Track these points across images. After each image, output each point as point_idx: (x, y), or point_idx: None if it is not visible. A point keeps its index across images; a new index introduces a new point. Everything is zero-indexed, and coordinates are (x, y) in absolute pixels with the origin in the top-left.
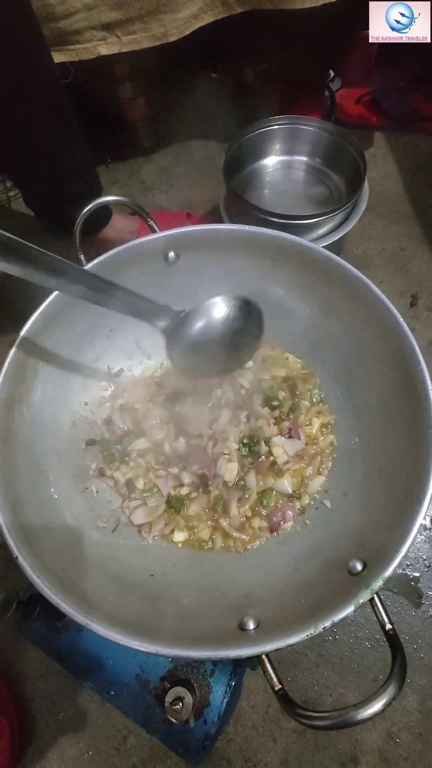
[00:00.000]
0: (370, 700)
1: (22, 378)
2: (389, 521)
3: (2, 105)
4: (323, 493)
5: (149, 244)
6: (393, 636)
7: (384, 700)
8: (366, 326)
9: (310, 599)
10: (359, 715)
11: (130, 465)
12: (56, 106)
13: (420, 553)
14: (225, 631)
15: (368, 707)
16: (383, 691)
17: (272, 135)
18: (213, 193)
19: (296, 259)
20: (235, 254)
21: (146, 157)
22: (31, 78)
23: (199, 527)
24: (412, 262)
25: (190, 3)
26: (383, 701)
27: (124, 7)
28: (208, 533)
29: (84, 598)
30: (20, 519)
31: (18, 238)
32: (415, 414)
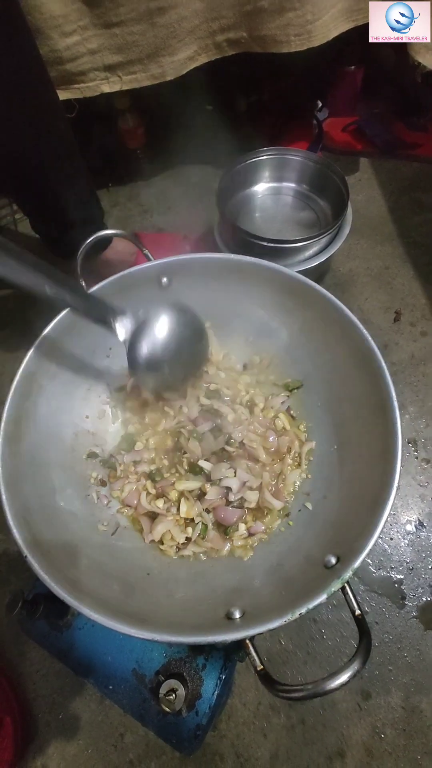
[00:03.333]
0: (337, 673)
1: (29, 394)
2: (361, 520)
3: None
4: (306, 496)
5: (144, 271)
6: (361, 620)
7: (349, 672)
8: (340, 345)
9: (290, 591)
10: (328, 686)
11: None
12: (61, 141)
13: (404, 556)
14: (214, 621)
15: (336, 678)
16: (349, 665)
17: (262, 164)
18: (208, 215)
19: (276, 284)
20: (222, 279)
21: (145, 181)
22: (37, 115)
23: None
24: (396, 279)
25: (185, 47)
26: (349, 674)
27: (125, 51)
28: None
29: (88, 594)
30: (28, 523)
31: None
32: (384, 426)
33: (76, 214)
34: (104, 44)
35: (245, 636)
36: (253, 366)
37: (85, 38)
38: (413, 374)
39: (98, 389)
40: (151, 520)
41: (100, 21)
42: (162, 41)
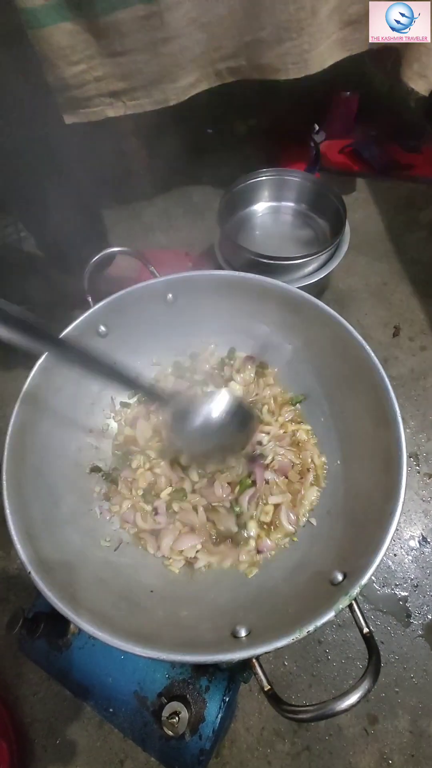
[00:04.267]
0: (347, 693)
1: (34, 408)
2: (367, 535)
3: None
4: (310, 511)
5: (151, 287)
6: (369, 638)
7: (359, 693)
8: (342, 359)
9: (297, 608)
10: (338, 707)
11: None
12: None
13: (408, 573)
14: (219, 639)
15: (346, 699)
16: (359, 685)
17: (261, 185)
18: (209, 233)
19: (279, 300)
20: (226, 296)
21: (148, 200)
22: (43, 140)
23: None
24: (394, 295)
25: (187, 74)
26: (359, 694)
27: (129, 79)
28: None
29: (90, 611)
30: (32, 538)
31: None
32: (388, 440)
33: (80, 232)
34: (109, 72)
35: (252, 655)
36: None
37: (91, 66)
38: (413, 388)
39: (102, 403)
40: (155, 536)
41: (106, 51)
42: (165, 69)
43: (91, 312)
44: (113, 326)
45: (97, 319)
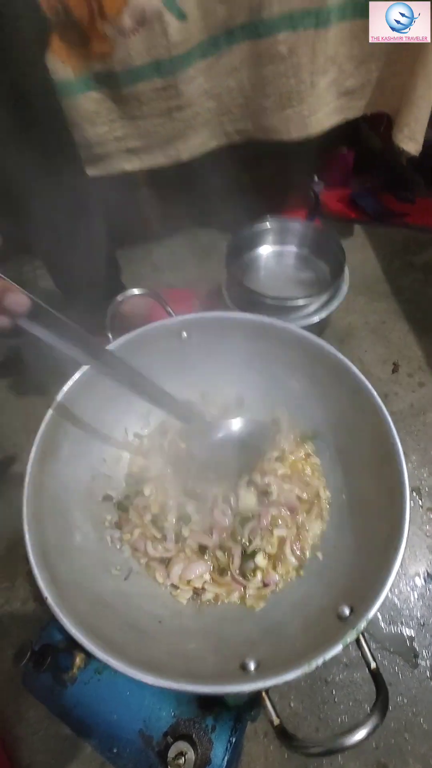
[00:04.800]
0: (356, 728)
1: (53, 437)
2: (373, 569)
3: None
4: (316, 545)
5: (167, 326)
6: (377, 674)
7: (367, 729)
8: (347, 397)
9: (305, 642)
10: (347, 742)
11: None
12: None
13: (414, 610)
14: (228, 672)
15: (355, 734)
16: (367, 720)
17: (266, 231)
18: (215, 273)
19: (284, 339)
20: (236, 335)
21: (157, 242)
22: (73, 189)
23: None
24: (392, 333)
25: (198, 134)
26: (367, 729)
27: (146, 138)
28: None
29: (102, 638)
30: (47, 564)
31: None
32: (391, 476)
33: (98, 273)
34: (128, 133)
35: (261, 687)
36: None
37: (113, 128)
38: (413, 424)
39: (116, 434)
40: (164, 564)
41: (126, 115)
42: (178, 131)
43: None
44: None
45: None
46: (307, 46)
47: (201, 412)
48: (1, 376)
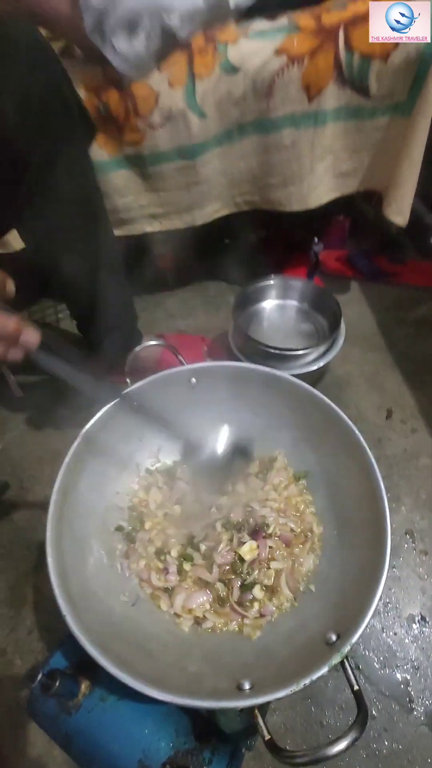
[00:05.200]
0: (337, 740)
1: (75, 469)
2: (358, 599)
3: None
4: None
5: (179, 372)
6: (359, 694)
7: (348, 740)
8: (338, 440)
9: (295, 666)
10: (330, 751)
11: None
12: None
13: (408, 653)
14: (225, 691)
15: (336, 745)
16: (348, 733)
17: (270, 287)
18: (223, 322)
19: (285, 389)
20: (241, 382)
21: (170, 291)
22: (102, 248)
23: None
24: (386, 382)
25: (211, 204)
26: (347, 741)
27: (166, 206)
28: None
29: (113, 655)
30: (66, 586)
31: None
32: (376, 513)
33: (117, 319)
34: (151, 202)
35: (255, 703)
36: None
37: (138, 198)
38: (406, 468)
39: (129, 469)
40: (168, 594)
41: (150, 188)
42: (194, 201)
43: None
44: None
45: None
46: (307, 139)
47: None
48: (19, 411)
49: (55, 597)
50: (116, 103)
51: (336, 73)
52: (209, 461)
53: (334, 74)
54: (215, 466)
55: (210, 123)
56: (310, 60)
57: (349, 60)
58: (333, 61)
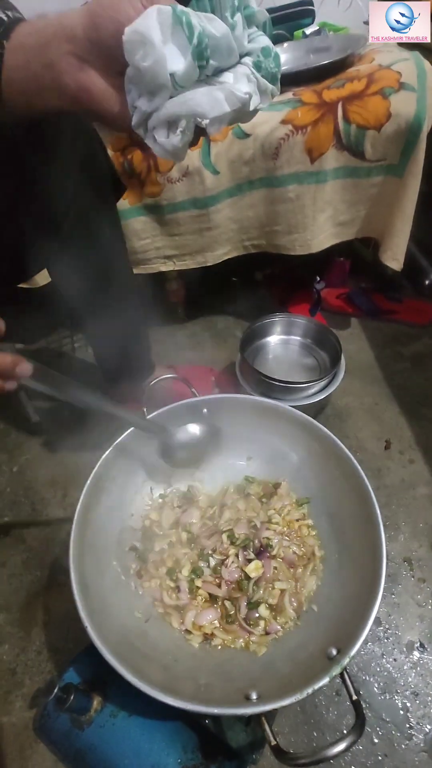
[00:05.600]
0: (336, 742)
1: (94, 492)
2: (357, 617)
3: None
4: (311, 598)
5: (193, 403)
6: (357, 704)
7: (347, 742)
8: (337, 469)
9: (299, 677)
10: (329, 753)
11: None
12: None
13: (408, 680)
14: (234, 700)
15: (336, 747)
16: (347, 737)
17: (275, 323)
18: (230, 354)
19: (288, 420)
20: (246, 412)
21: (181, 325)
22: (121, 286)
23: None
24: (385, 413)
25: (222, 247)
26: (346, 743)
27: (180, 248)
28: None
29: (130, 665)
30: (86, 599)
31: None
32: (373, 538)
33: (133, 349)
34: (166, 244)
35: (262, 710)
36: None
37: (154, 241)
38: (404, 497)
39: (143, 493)
40: (179, 611)
41: (166, 232)
42: (206, 244)
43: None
44: None
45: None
46: (309, 194)
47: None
48: (35, 435)
49: (77, 609)
50: (139, 161)
51: (335, 140)
52: (185, 442)
53: (334, 141)
54: (191, 444)
55: (222, 178)
56: (312, 129)
57: (347, 130)
58: (333, 130)
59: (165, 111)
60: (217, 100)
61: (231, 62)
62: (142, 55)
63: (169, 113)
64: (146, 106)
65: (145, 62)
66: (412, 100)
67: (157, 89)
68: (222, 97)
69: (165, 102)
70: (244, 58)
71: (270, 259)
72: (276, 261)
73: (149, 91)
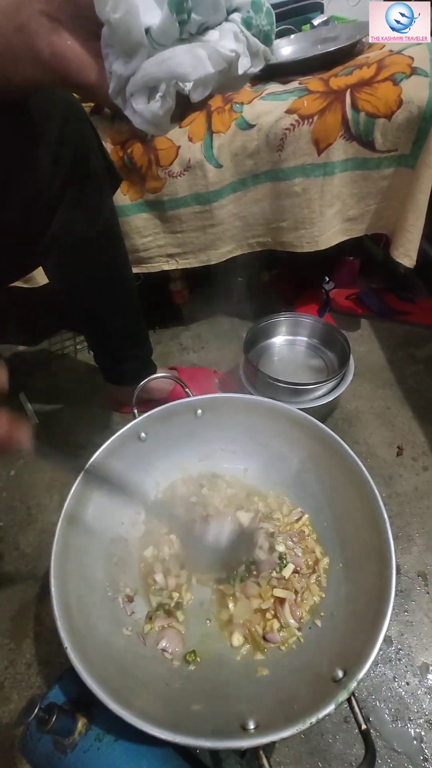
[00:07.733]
0: None
1: (80, 500)
2: (364, 635)
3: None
4: (314, 612)
5: (185, 404)
6: (366, 733)
7: None
8: (341, 472)
9: (301, 704)
10: None
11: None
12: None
13: (423, 706)
14: (230, 731)
15: None
16: None
17: (281, 323)
18: (234, 356)
19: (288, 420)
20: (244, 413)
21: (185, 326)
22: (120, 285)
23: None
24: (397, 418)
25: (226, 244)
26: None
27: (182, 246)
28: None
29: (114, 691)
30: (69, 617)
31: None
32: (380, 547)
33: (133, 351)
34: (169, 242)
35: (260, 743)
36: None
37: (156, 239)
38: (418, 506)
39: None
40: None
41: (168, 230)
42: (210, 241)
43: (137, 422)
44: (152, 433)
45: (141, 428)
46: (316, 187)
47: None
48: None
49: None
50: (140, 155)
51: (343, 129)
52: (209, 548)
53: (342, 130)
54: (215, 551)
55: (225, 172)
56: (319, 118)
57: (355, 118)
58: (341, 120)
59: (142, 73)
60: (199, 59)
61: (217, 19)
62: (113, 5)
63: (146, 75)
64: (123, 69)
65: (116, 14)
66: (425, 86)
67: (132, 49)
68: (204, 55)
69: (142, 63)
70: (232, 15)
71: (277, 259)
72: (283, 260)
73: (125, 52)
